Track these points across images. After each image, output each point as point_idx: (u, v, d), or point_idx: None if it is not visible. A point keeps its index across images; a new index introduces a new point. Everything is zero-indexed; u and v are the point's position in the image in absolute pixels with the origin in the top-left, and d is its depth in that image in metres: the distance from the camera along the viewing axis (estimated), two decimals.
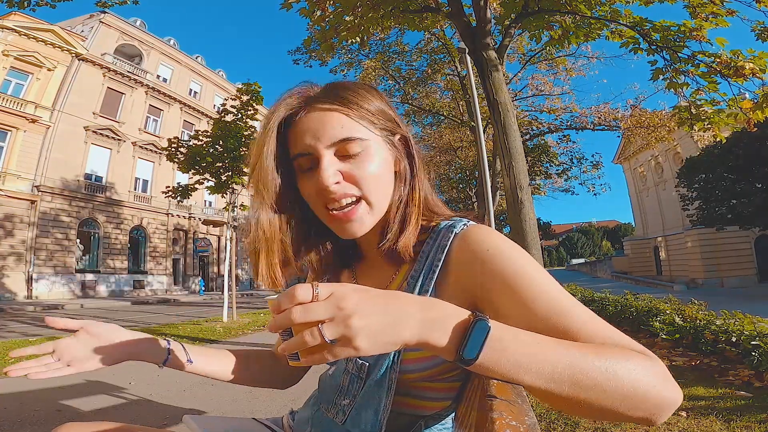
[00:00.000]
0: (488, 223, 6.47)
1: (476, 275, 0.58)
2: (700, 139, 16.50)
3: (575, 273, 46.13)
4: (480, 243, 0.59)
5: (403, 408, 0.66)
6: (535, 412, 2.35)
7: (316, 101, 0.61)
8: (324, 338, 0.40)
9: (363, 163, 0.61)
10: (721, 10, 4.64)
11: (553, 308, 0.51)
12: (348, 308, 0.41)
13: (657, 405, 0.43)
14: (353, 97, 0.61)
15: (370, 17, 5.26)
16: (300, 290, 0.42)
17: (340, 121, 0.60)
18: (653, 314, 5.17)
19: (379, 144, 0.63)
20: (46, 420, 2.63)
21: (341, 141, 0.59)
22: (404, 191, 0.66)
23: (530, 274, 0.54)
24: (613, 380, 0.42)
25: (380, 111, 0.64)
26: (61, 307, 14.47)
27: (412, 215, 0.65)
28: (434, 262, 0.63)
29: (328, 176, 0.59)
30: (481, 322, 0.42)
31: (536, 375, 0.42)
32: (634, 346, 0.48)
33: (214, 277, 27.42)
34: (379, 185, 0.62)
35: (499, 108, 4.85)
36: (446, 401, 0.67)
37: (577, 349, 0.44)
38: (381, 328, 0.41)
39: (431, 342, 0.42)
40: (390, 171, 0.65)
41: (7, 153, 17.94)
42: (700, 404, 2.70)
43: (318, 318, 0.40)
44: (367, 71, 12.46)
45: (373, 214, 0.63)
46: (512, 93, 12.54)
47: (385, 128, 0.64)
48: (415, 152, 0.67)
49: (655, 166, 29.99)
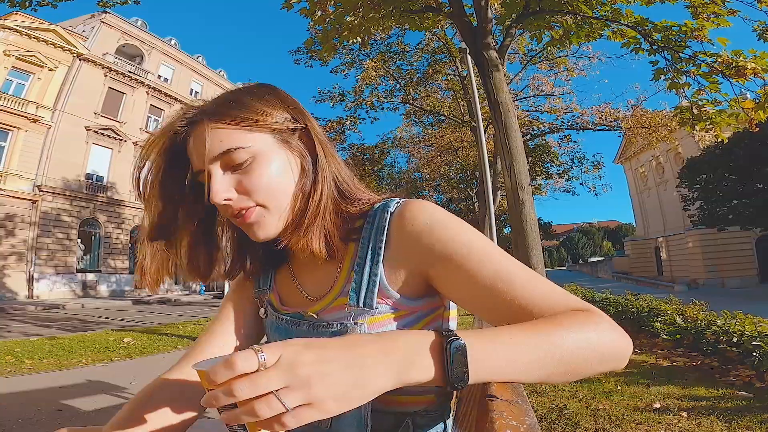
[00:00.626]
0: (489, 223, 6.50)
1: (419, 249, 0.58)
2: (702, 140, 16.48)
3: (576, 273, 46.09)
4: (417, 217, 0.59)
5: (387, 406, 0.63)
6: (536, 413, 2.35)
7: (196, 120, 0.62)
8: (285, 407, 0.35)
9: (253, 171, 0.60)
10: (723, 10, 4.63)
11: (497, 273, 0.52)
12: (303, 373, 0.36)
13: (619, 356, 0.48)
14: (233, 108, 0.61)
15: (371, 17, 5.26)
16: (240, 360, 0.36)
17: (218, 135, 0.59)
18: (654, 314, 5.16)
19: (269, 146, 0.61)
20: (47, 420, 2.63)
21: (222, 154, 0.59)
22: (308, 184, 0.64)
23: (471, 242, 0.55)
24: (585, 350, 0.45)
25: (267, 112, 0.62)
26: (62, 306, 14.49)
27: (310, 209, 0.62)
28: (376, 244, 0.62)
29: (216, 193, 0.58)
30: (454, 342, 0.41)
31: (524, 368, 0.43)
32: (580, 306, 0.50)
33: None
34: (272, 189, 0.61)
35: (500, 108, 4.86)
36: (430, 394, 0.65)
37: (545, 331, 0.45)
38: (347, 388, 0.38)
39: (412, 381, 0.41)
40: (288, 170, 0.63)
41: (9, 153, 17.97)
42: (701, 404, 2.70)
43: (270, 388, 0.36)
44: (368, 71, 12.47)
45: (272, 215, 0.62)
46: (513, 93, 12.52)
47: (275, 128, 0.62)
48: (318, 143, 0.65)
49: (656, 166, 29.95)
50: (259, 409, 0.35)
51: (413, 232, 0.58)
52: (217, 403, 0.37)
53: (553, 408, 2.67)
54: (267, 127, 0.61)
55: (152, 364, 4.42)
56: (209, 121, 0.60)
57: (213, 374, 0.37)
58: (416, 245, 0.58)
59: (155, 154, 0.63)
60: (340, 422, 0.63)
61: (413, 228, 0.59)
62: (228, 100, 0.62)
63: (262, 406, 0.35)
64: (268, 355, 0.37)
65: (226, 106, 0.61)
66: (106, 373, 3.96)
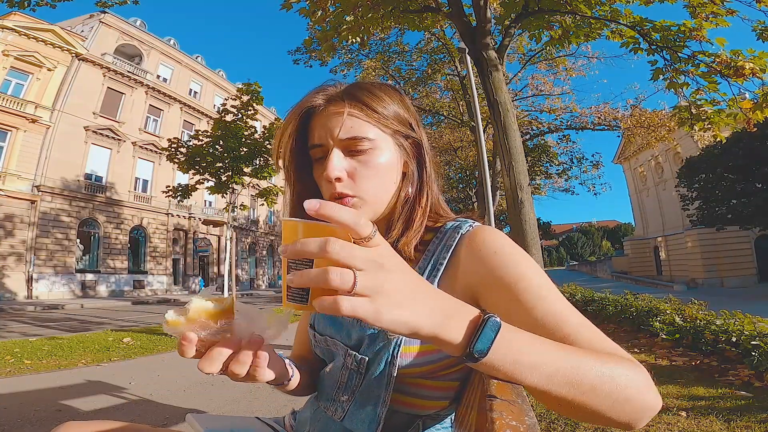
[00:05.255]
0: (488, 222, 6.51)
1: (480, 275, 0.60)
2: (701, 139, 16.49)
3: (576, 273, 46.14)
4: (486, 245, 0.61)
5: (401, 406, 0.66)
6: (535, 412, 2.35)
7: (335, 99, 0.66)
8: (354, 285, 0.36)
9: (367, 162, 0.64)
10: (721, 9, 4.63)
11: (550, 312, 0.53)
12: (387, 268, 0.39)
13: (641, 410, 0.45)
14: (369, 99, 0.65)
15: (371, 17, 5.26)
16: (363, 219, 0.38)
17: (351, 120, 0.64)
18: (653, 314, 5.16)
19: (387, 144, 0.66)
20: (46, 420, 2.63)
21: (349, 139, 0.63)
22: (411, 192, 0.69)
23: (531, 279, 0.56)
24: (608, 384, 0.44)
25: (394, 114, 0.67)
26: (61, 307, 14.48)
27: (416, 216, 0.67)
28: (439, 260, 0.65)
29: (332, 169, 0.62)
30: (492, 319, 0.42)
31: (539, 375, 0.43)
32: (623, 354, 0.50)
33: (214, 277, 27.40)
34: (377, 184, 0.65)
35: (499, 108, 4.86)
36: (444, 401, 0.67)
37: (577, 353, 0.46)
38: (405, 304, 0.39)
39: (442, 335, 0.42)
40: (395, 171, 0.67)
41: (8, 153, 17.94)
42: (700, 404, 2.70)
43: (355, 264, 0.37)
44: (367, 71, 12.46)
45: (368, 207, 0.65)
46: (512, 93, 12.54)
47: (396, 131, 0.67)
48: (426, 157, 0.71)
49: (655, 166, 30.00)
50: (332, 273, 0.36)
51: (479, 256, 0.61)
52: (300, 254, 0.38)
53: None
54: (391, 128, 0.67)
55: (152, 365, 4.41)
56: (349, 106, 0.64)
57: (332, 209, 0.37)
58: (479, 269, 0.60)
59: (293, 125, 0.67)
60: (354, 417, 0.65)
61: (480, 252, 0.61)
62: (369, 91, 0.67)
63: (335, 273, 0.36)
64: (378, 236, 0.40)
65: (367, 97, 0.66)
66: (105, 373, 3.96)
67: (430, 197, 0.70)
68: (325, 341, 0.75)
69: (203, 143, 10.35)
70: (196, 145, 10.43)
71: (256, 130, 10.79)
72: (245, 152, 10.34)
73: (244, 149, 10.31)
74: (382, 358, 0.63)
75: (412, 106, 0.72)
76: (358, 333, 0.68)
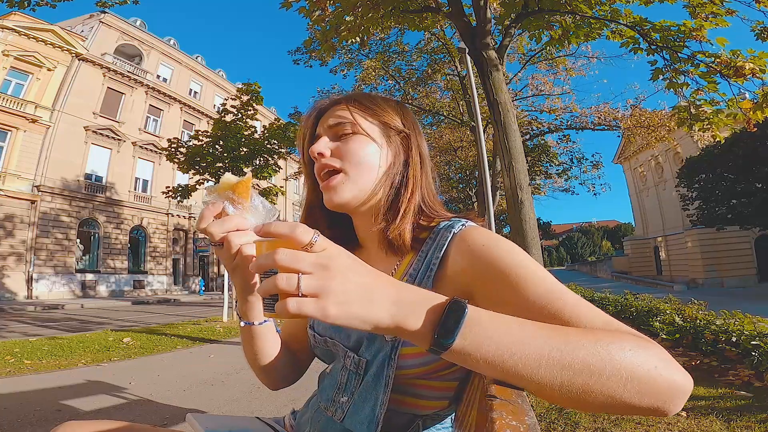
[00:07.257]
0: (488, 223, 6.46)
1: (471, 271, 0.60)
2: (700, 139, 16.50)
3: (576, 273, 46.15)
4: (475, 240, 0.62)
5: (400, 407, 0.66)
6: (536, 412, 2.36)
7: (339, 101, 0.74)
8: (299, 288, 0.39)
9: (350, 142, 0.70)
10: (721, 9, 4.63)
11: (546, 294, 0.51)
12: (333, 268, 0.41)
13: (665, 390, 0.39)
14: (365, 99, 0.74)
15: (371, 17, 5.25)
16: (300, 229, 0.42)
17: (342, 112, 0.71)
18: (653, 314, 5.17)
19: (374, 132, 0.72)
20: (46, 420, 2.63)
21: (335, 125, 0.71)
22: (397, 179, 0.71)
23: (523, 264, 0.56)
24: (609, 362, 0.39)
25: (386, 112, 0.74)
26: (61, 307, 14.48)
27: (402, 205, 0.69)
28: (432, 260, 0.65)
29: (316, 145, 0.70)
30: (456, 303, 0.41)
31: (521, 358, 0.40)
32: (628, 330, 0.45)
33: (214, 277, 27.41)
34: (360, 161, 0.69)
35: (499, 108, 4.85)
36: (443, 401, 0.67)
37: (564, 331, 0.42)
38: (355, 300, 0.40)
39: (405, 326, 0.41)
40: (378, 155, 0.71)
41: (7, 153, 17.94)
42: (700, 404, 2.70)
43: (302, 268, 0.40)
44: (367, 71, 12.46)
45: (352, 183, 0.69)
46: (512, 93, 12.54)
47: (385, 122, 0.73)
48: (415, 150, 0.74)
49: (655, 166, 29.99)
50: (278, 279, 0.40)
51: (468, 252, 0.61)
52: (261, 267, 0.42)
53: (552, 407, 2.67)
54: (378, 118, 0.73)
55: (151, 364, 4.41)
56: (345, 102, 0.73)
57: (273, 227, 0.43)
58: (470, 264, 0.60)
59: (309, 128, 0.76)
60: (353, 418, 0.65)
61: (469, 248, 0.61)
62: (368, 95, 0.76)
63: (282, 278, 0.40)
64: (321, 240, 0.43)
65: (361, 96, 0.75)
66: (105, 373, 3.96)
67: (419, 191, 0.72)
68: (325, 342, 0.75)
69: (203, 143, 10.34)
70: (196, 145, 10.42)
71: (256, 130, 10.78)
72: (245, 152, 10.33)
73: (244, 149, 10.30)
74: (380, 359, 0.63)
75: (410, 114, 0.78)
76: (358, 334, 0.68)
